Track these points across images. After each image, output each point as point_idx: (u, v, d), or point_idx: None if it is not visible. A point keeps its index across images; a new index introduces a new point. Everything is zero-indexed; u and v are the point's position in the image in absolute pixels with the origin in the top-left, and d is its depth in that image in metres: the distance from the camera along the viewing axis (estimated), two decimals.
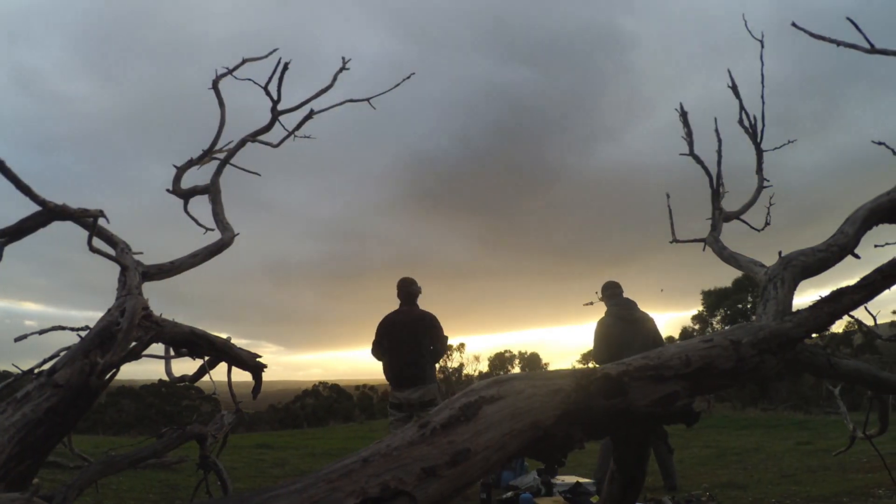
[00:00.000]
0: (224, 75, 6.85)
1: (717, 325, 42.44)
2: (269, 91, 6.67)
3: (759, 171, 6.09)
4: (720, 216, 5.84)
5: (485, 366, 59.32)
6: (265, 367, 6.01)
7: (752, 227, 6.11)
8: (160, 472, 9.84)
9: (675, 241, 6.30)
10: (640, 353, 3.13)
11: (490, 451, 2.39)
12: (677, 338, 36.14)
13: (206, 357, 5.68)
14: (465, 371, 58.69)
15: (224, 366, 5.83)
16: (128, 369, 4.69)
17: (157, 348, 5.74)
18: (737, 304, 40.90)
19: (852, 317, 4.07)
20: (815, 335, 3.58)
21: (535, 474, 8.59)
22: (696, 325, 44.88)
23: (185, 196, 6.40)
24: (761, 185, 6.08)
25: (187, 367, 5.99)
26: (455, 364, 56.88)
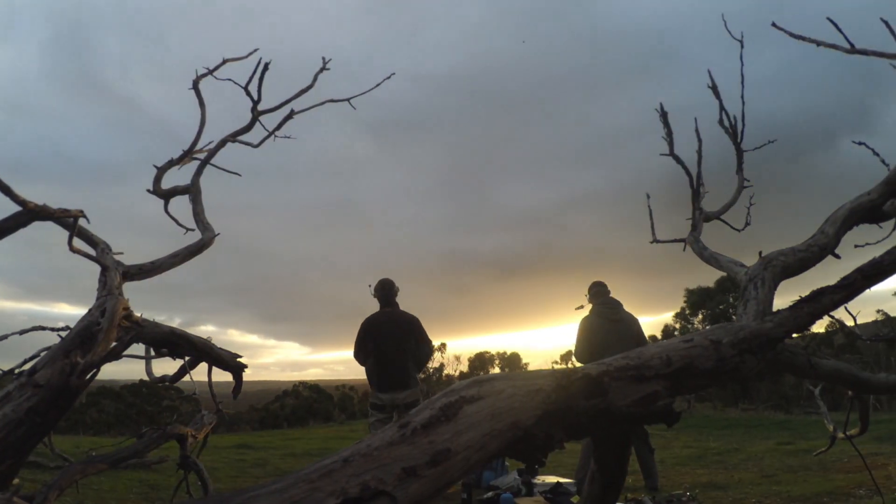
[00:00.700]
0: (204, 75, 6.82)
1: (699, 324, 42.57)
2: (250, 91, 6.66)
3: (739, 170, 6.08)
4: (700, 216, 5.84)
5: (465, 366, 59.41)
6: (245, 367, 6.00)
7: (732, 227, 6.12)
8: (141, 472, 9.79)
9: (656, 241, 6.31)
10: (622, 353, 3.14)
11: (470, 451, 2.39)
12: (660, 337, 36.22)
13: (186, 357, 5.67)
14: (445, 371, 58.77)
15: (205, 366, 5.83)
16: (108, 369, 4.68)
17: (138, 348, 5.74)
18: (719, 305, 41.06)
19: (833, 317, 4.10)
20: (795, 335, 3.60)
21: (516, 474, 8.61)
22: (678, 324, 45.01)
23: (166, 196, 6.37)
24: (741, 185, 6.08)
25: (168, 368, 5.99)
26: (435, 364, 56.92)
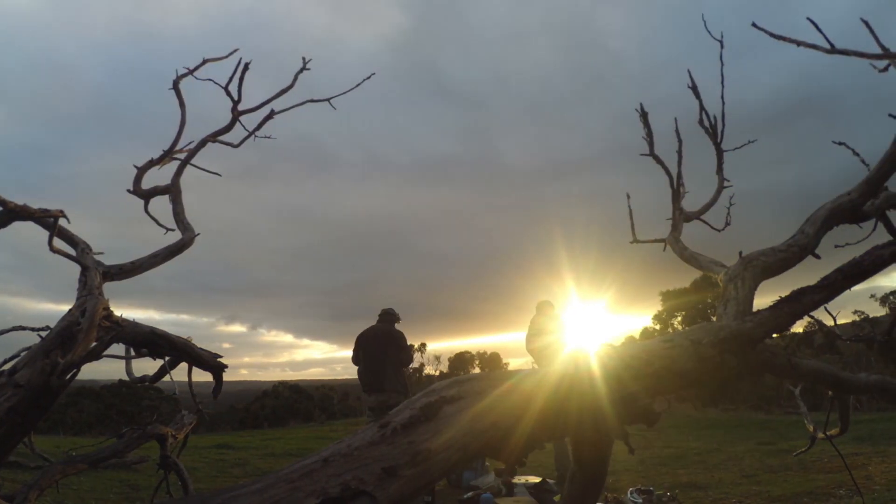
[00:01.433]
0: (185, 75, 6.77)
1: (679, 325, 42.75)
2: (230, 91, 6.63)
3: (719, 170, 6.08)
4: (680, 216, 5.85)
5: (445, 366, 59.53)
6: (226, 367, 5.97)
7: (712, 227, 6.14)
8: (121, 472, 9.77)
9: (636, 241, 6.32)
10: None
11: (450, 452, 2.40)
12: (638, 338, 36.39)
13: (166, 357, 5.65)
14: (425, 371, 58.83)
15: (185, 366, 5.81)
16: (88, 369, 4.66)
17: (118, 348, 5.71)
18: (697, 305, 41.23)
19: (813, 317, 4.13)
20: (775, 335, 3.62)
21: (495, 475, 8.66)
22: (657, 326, 45.19)
23: (146, 196, 6.33)
24: (721, 185, 6.09)
25: (148, 368, 5.97)
26: (415, 364, 57.04)
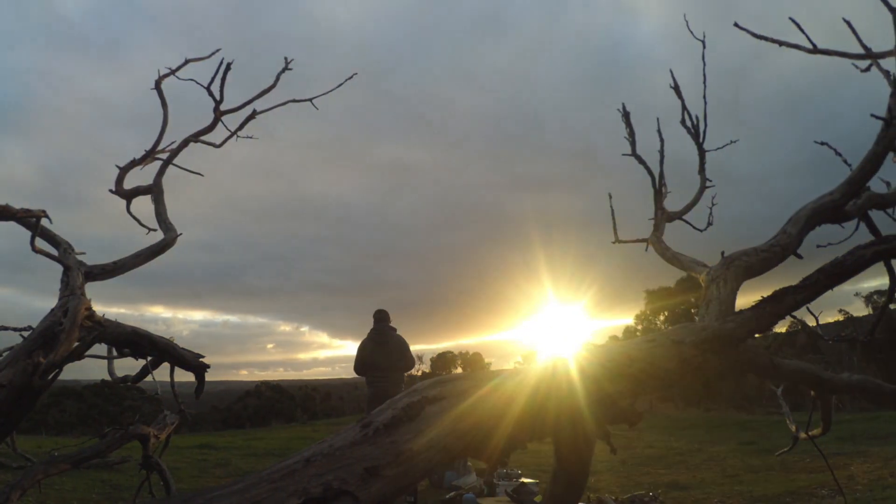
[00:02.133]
0: (167, 75, 6.74)
1: (662, 324, 42.86)
2: (212, 91, 6.61)
3: (701, 170, 6.09)
4: (663, 216, 5.86)
5: (427, 366, 59.48)
6: (208, 367, 5.95)
7: (694, 227, 6.15)
8: (103, 473, 9.71)
9: (618, 241, 6.33)
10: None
11: (432, 452, 2.40)
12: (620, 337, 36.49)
13: (148, 357, 5.63)
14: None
15: (167, 366, 5.79)
16: (71, 369, 4.64)
17: (100, 348, 5.69)
18: (680, 305, 41.32)
19: (795, 317, 4.14)
20: (758, 335, 3.63)
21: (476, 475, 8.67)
22: (640, 326, 45.30)
23: (128, 196, 6.31)
24: (703, 185, 6.09)
25: (131, 368, 5.94)
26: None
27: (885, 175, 4.93)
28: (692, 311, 38.75)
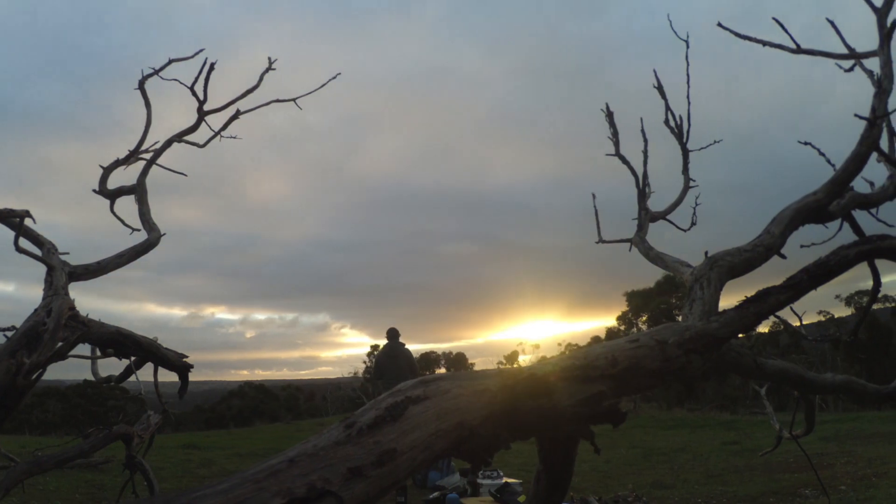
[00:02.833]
0: (150, 75, 6.73)
1: (643, 325, 42.93)
2: (196, 91, 6.60)
3: (685, 171, 6.12)
4: (646, 216, 5.89)
5: None
6: (191, 367, 5.96)
7: (678, 227, 6.17)
8: (87, 473, 9.69)
9: (602, 241, 6.35)
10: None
11: (416, 452, 2.41)
12: (603, 338, 36.59)
13: (132, 357, 5.62)
14: None
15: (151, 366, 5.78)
16: (54, 369, 4.63)
17: (84, 349, 5.67)
18: (660, 305, 41.43)
19: (778, 317, 4.16)
20: (741, 335, 3.65)
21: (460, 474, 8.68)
22: (622, 326, 45.39)
23: (112, 196, 6.30)
24: (687, 185, 6.12)
25: (114, 368, 5.93)
26: None
27: (869, 175, 4.98)
28: (674, 312, 38.92)
